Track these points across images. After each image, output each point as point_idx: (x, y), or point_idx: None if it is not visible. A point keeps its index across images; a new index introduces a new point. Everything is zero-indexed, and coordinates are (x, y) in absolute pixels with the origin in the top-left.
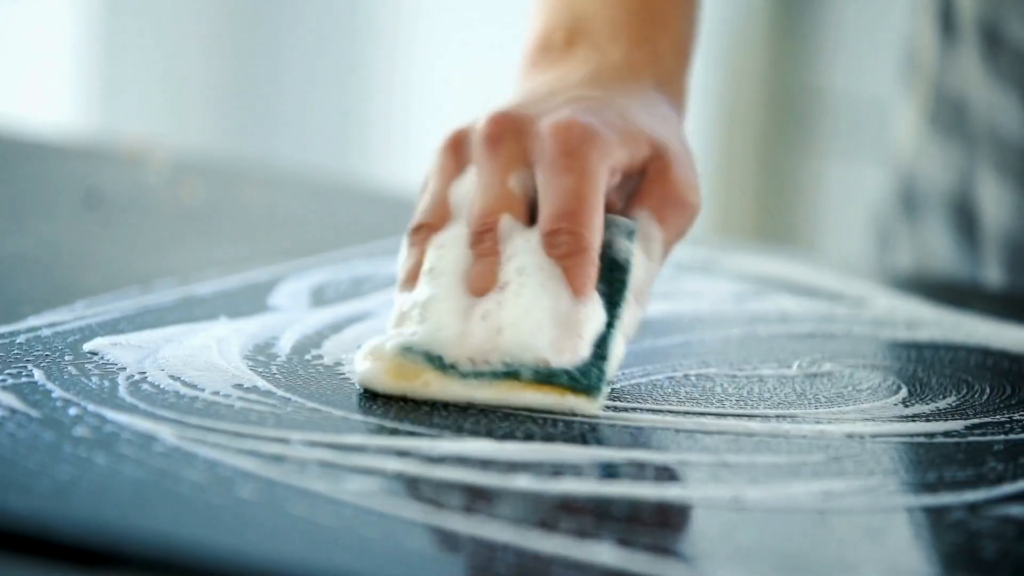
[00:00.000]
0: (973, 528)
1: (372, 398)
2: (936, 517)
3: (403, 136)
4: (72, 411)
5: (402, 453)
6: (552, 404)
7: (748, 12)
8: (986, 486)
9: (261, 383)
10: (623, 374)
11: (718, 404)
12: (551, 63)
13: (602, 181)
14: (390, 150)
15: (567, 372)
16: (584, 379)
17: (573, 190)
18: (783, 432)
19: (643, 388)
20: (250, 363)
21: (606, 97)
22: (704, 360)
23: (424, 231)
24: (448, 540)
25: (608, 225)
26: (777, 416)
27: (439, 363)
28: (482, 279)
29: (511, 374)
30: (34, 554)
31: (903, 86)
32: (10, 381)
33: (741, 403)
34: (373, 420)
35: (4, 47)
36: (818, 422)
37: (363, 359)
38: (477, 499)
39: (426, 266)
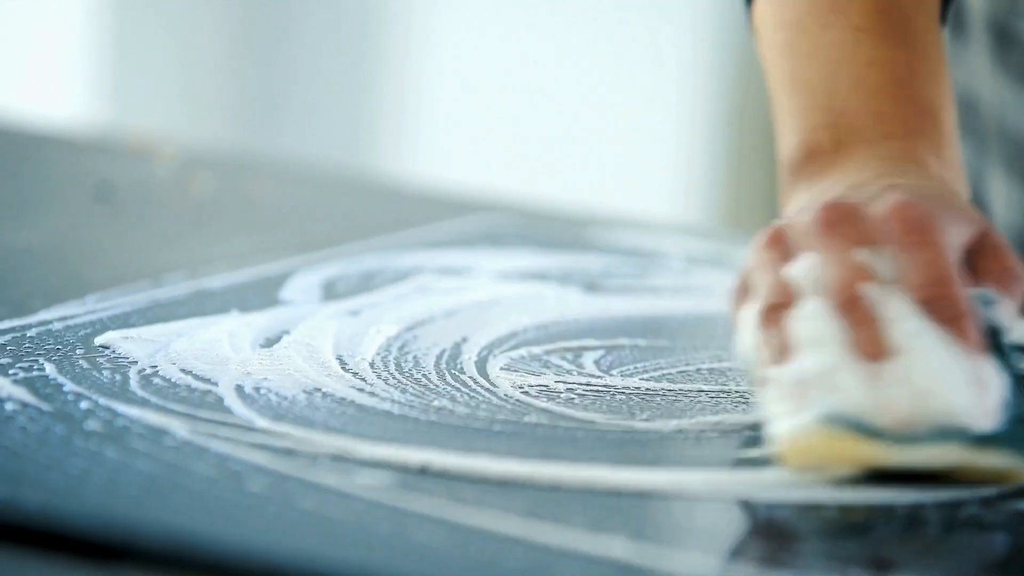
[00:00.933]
0: (987, 522)
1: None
2: (950, 512)
3: (413, 130)
4: (83, 405)
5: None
6: (991, 468)
7: None
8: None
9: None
10: (634, 368)
11: (737, 398)
12: (824, 167)
13: (953, 254)
14: (400, 144)
15: (995, 435)
16: (1017, 443)
17: (932, 262)
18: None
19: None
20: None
21: (913, 185)
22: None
23: (776, 310)
24: (459, 534)
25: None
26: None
27: (867, 430)
28: (873, 344)
29: (941, 440)
30: (46, 547)
31: None
32: (21, 375)
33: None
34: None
35: (15, 41)
36: None
37: (783, 444)
38: (488, 492)
39: (802, 336)
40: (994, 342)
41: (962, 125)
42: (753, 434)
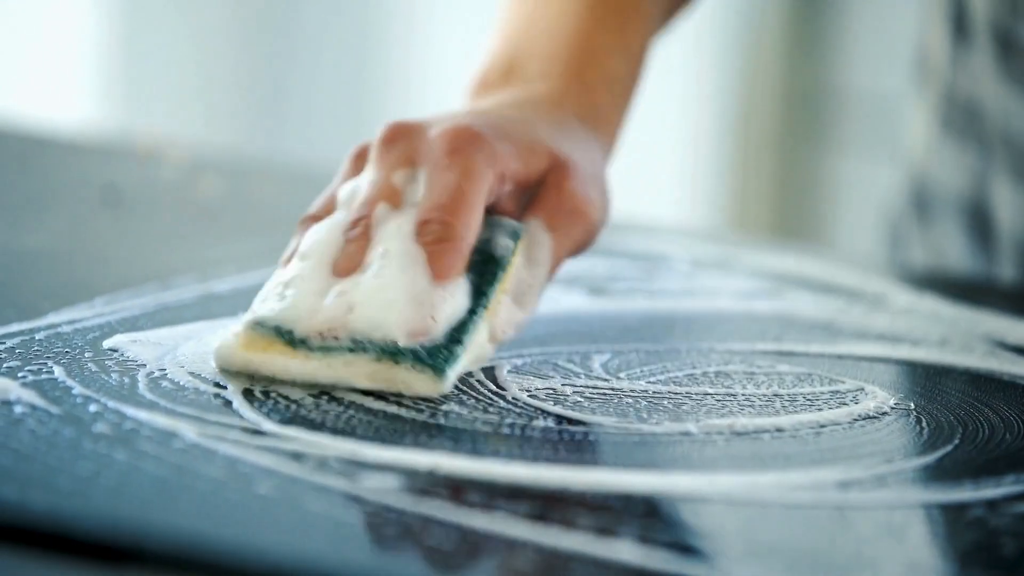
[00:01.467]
0: (992, 525)
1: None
2: (955, 514)
3: None
4: (92, 408)
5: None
6: (393, 382)
7: (764, 10)
8: (1007, 483)
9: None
10: (641, 371)
11: (744, 402)
12: (480, 96)
13: (484, 181)
14: None
15: (413, 351)
16: (430, 359)
17: (451, 185)
18: (805, 424)
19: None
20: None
21: (518, 116)
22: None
23: (308, 222)
24: (468, 537)
25: (492, 225)
26: (800, 411)
27: (288, 337)
28: (347, 260)
29: (356, 351)
30: (54, 550)
31: (914, 87)
32: (30, 377)
33: (763, 400)
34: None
35: (23, 44)
36: (834, 416)
37: (216, 348)
38: (496, 496)
39: (300, 249)
40: (490, 269)
41: (968, 131)
42: (762, 436)
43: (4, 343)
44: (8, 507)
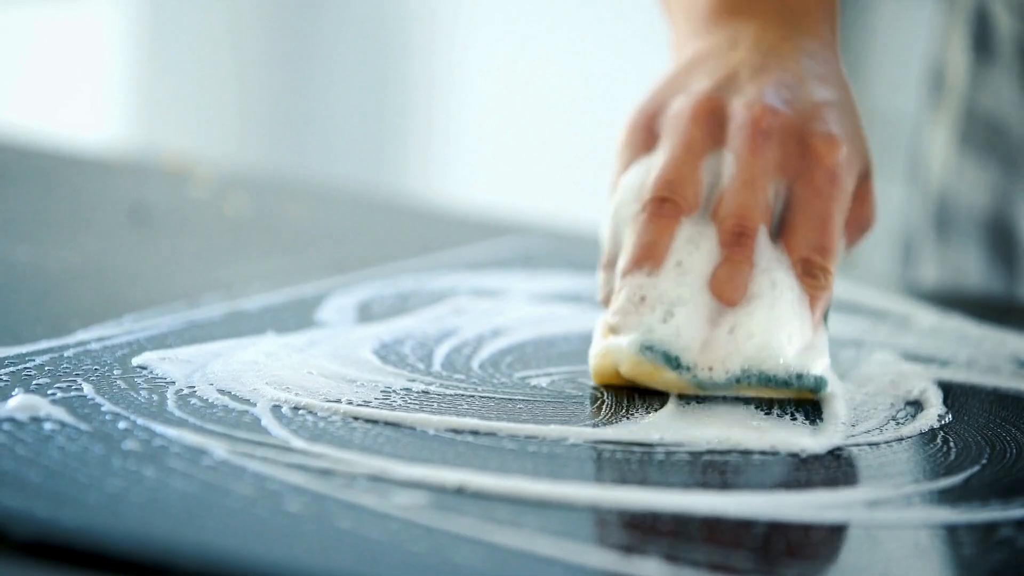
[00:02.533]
0: (1020, 545)
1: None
2: (983, 534)
3: (445, 151)
4: (121, 425)
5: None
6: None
7: None
8: None
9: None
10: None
11: (762, 413)
12: (723, 26)
13: (847, 211)
14: (431, 165)
15: (798, 377)
16: (814, 385)
17: (830, 220)
18: (836, 445)
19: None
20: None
21: (839, 94)
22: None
23: (670, 207)
24: (495, 555)
25: None
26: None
27: (676, 364)
28: (734, 288)
29: (742, 381)
30: (84, 566)
31: (930, 105)
32: (60, 395)
33: (796, 415)
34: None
35: (52, 64)
36: (864, 435)
37: (599, 355)
38: (523, 513)
39: (675, 258)
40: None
41: (990, 148)
42: (788, 457)
43: (34, 360)
44: (38, 523)
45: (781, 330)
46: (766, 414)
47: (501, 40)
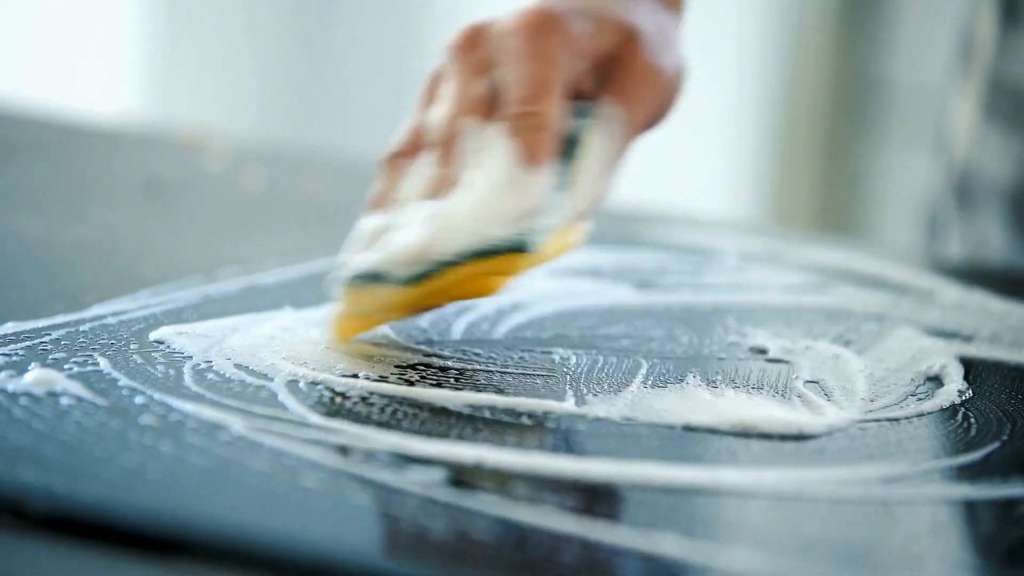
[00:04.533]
0: None
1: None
2: (1002, 511)
3: None
4: (138, 400)
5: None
6: (486, 285)
7: (808, 3)
8: None
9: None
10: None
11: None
12: None
13: (563, 64)
14: None
15: (506, 240)
16: (521, 238)
17: (533, 75)
18: (848, 420)
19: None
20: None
21: None
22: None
23: (394, 160)
24: (512, 531)
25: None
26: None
27: (379, 279)
28: (439, 181)
29: (447, 264)
30: (101, 540)
31: (958, 75)
32: (76, 369)
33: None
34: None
35: (67, 37)
36: (882, 410)
37: (330, 316)
38: (542, 489)
39: (401, 193)
40: (567, 150)
41: (1016, 119)
42: (805, 433)
43: (50, 335)
44: (55, 498)
45: (468, 200)
46: (783, 396)
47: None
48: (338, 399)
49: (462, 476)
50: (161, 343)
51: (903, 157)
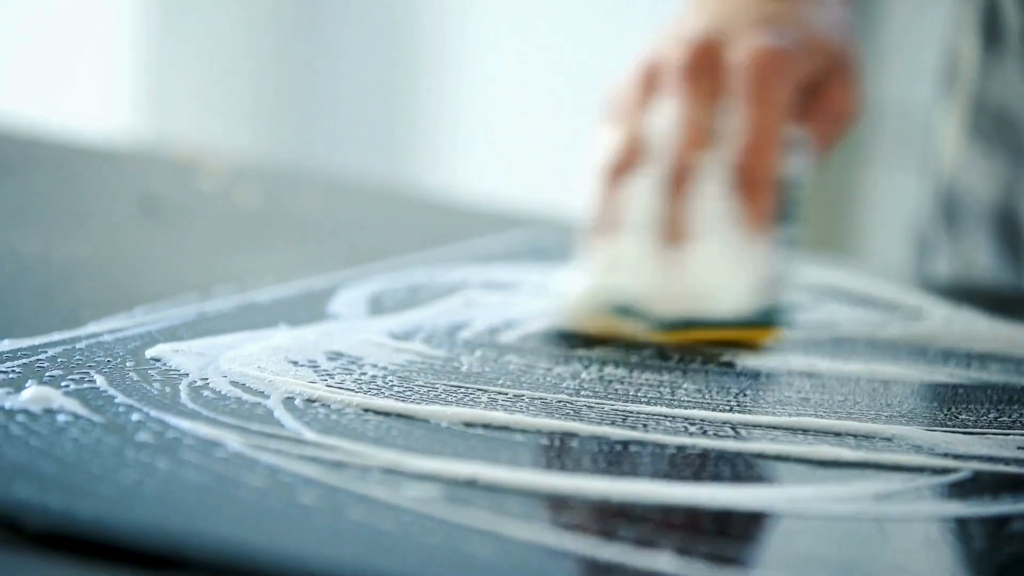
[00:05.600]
0: None
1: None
2: (994, 528)
3: (455, 143)
4: (135, 417)
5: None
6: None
7: None
8: None
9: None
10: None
11: (791, 407)
12: None
13: (787, 108)
14: (441, 157)
15: (747, 319)
16: (767, 319)
17: (759, 124)
18: (844, 430)
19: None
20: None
21: (784, 7)
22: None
23: (616, 172)
24: (508, 547)
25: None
26: (848, 422)
27: (628, 313)
28: (675, 228)
29: (700, 325)
30: (98, 557)
31: (942, 96)
32: (72, 386)
33: (824, 407)
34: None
35: (60, 54)
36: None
37: (571, 313)
38: (536, 506)
39: (628, 215)
40: (788, 194)
41: (999, 140)
42: (802, 448)
43: (46, 352)
44: (52, 515)
45: (715, 271)
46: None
47: (511, 32)
48: (334, 416)
49: (457, 492)
50: (157, 360)
51: (891, 176)
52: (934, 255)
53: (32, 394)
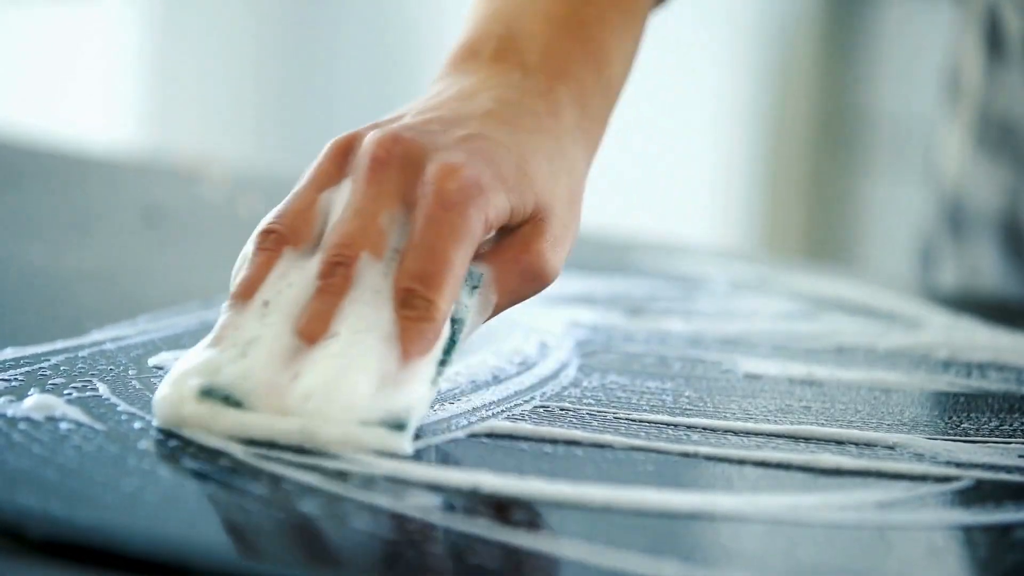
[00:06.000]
0: None
1: None
2: (997, 536)
3: None
4: (137, 425)
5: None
6: (352, 443)
7: (796, 34)
8: None
9: None
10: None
11: (794, 415)
12: (472, 71)
13: (472, 244)
14: None
15: (363, 425)
16: (391, 427)
17: (441, 250)
18: (846, 439)
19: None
20: None
21: (511, 137)
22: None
23: (275, 239)
24: (511, 555)
25: None
26: (848, 430)
27: (238, 406)
28: (314, 323)
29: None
30: (99, 564)
31: (946, 106)
32: (75, 395)
33: (823, 415)
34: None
35: (64, 65)
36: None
37: (159, 401)
38: (540, 515)
39: (263, 296)
40: (451, 329)
41: (1003, 149)
42: (804, 456)
43: (49, 360)
44: (54, 522)
45: (353, 371)
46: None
47: None
48: None
49: (459, 501)
50: (160, 369)
51: (890, 186)
52: (939, 264)
53: (35, 402)
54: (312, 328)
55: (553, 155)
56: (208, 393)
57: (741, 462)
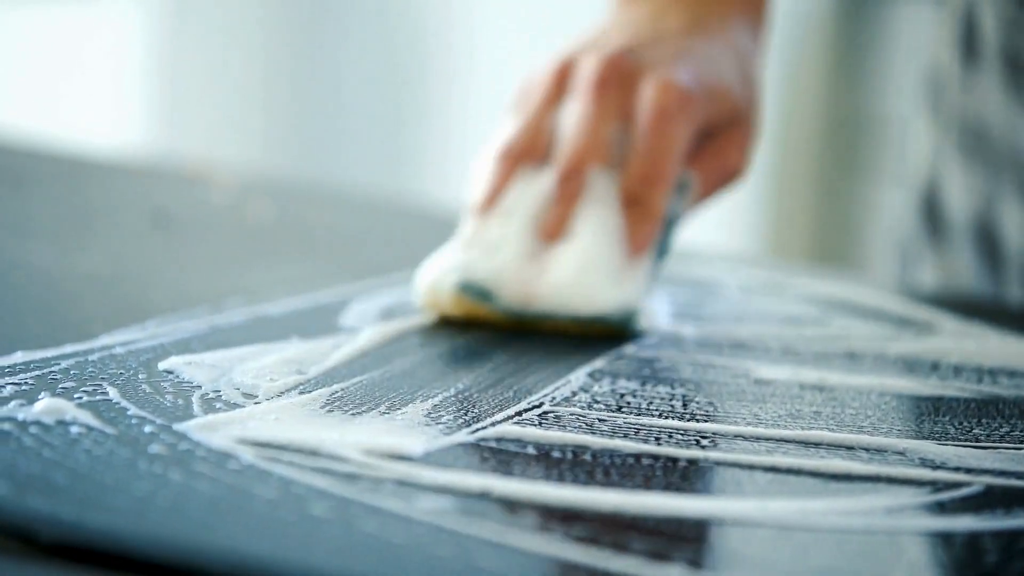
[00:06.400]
0: None
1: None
2: (1007, 542)
3: (464, 157)
4: (147, 428)
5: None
6: (586, 329)
7: (804, 38)
8: None
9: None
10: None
11: (800, 420)
12: None
13: (685, 151)
14: (451, 170)
15: (602, 319)
16: (620, 325)
17: (660, 157)
18: (857, 444)
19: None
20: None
21: (707, 50)
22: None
23: (513, 158)
24: (520, 559)
25: None
26: (858, 434)
27: (492, 300)
28: (555, 225)
29: (551, 318)
30: (110, 568)
31: (926, 110)
32: (85, 399)
33: (832, 420)
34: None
35: (72, 68)
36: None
37: (424, 292)
38: (551, 518)
39: (505, 205)
40: (662, 231)
41: (974, 152)
42: (814, 461)
43: (59, 364)
44: (65, 526)
45: (593, 268)
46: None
47: (521, 48)
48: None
49: (470, 505)
50: (170, 373)
51: (895, 192)
52: (918, 266)
53: (45, 406)
54: (554, 230)
55: (738, 63)
56: (466, 287)
57: (751, 467)
